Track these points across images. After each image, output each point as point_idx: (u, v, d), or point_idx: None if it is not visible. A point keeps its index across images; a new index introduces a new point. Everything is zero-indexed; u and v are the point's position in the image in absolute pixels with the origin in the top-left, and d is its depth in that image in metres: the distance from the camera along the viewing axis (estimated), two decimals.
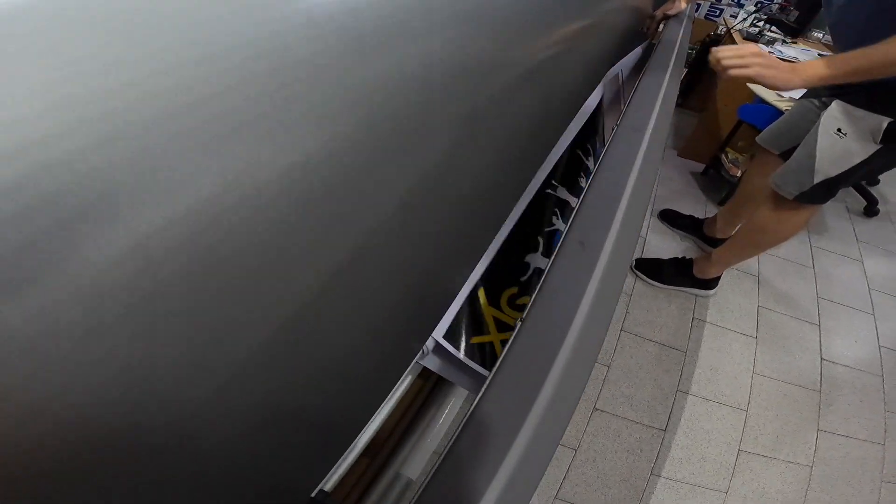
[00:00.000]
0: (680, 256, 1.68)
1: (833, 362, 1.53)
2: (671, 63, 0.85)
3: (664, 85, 0.77)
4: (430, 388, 0.74)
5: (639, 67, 1.15)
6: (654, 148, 0.61)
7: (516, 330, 0.36)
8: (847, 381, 1.49)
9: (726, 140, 1.99)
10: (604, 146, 0.63)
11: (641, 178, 0.54)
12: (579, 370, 0.35)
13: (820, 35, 3.09)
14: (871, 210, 2.20)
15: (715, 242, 1.72)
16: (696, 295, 1.66)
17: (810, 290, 1.78)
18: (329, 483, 0.58)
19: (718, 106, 2.08)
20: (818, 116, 1.15)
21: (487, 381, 0.34)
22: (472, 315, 0.60)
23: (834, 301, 1.75)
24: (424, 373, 0.65)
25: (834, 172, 1.13)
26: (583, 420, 1.24)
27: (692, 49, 1.99)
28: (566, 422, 0.35)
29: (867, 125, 1.05)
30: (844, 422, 1.38)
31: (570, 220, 0.44)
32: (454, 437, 0.33)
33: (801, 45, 2.53)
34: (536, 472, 0.32)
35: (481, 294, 0.61)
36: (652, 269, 1.66)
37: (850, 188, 2.25)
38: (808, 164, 1.15)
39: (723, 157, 1.98)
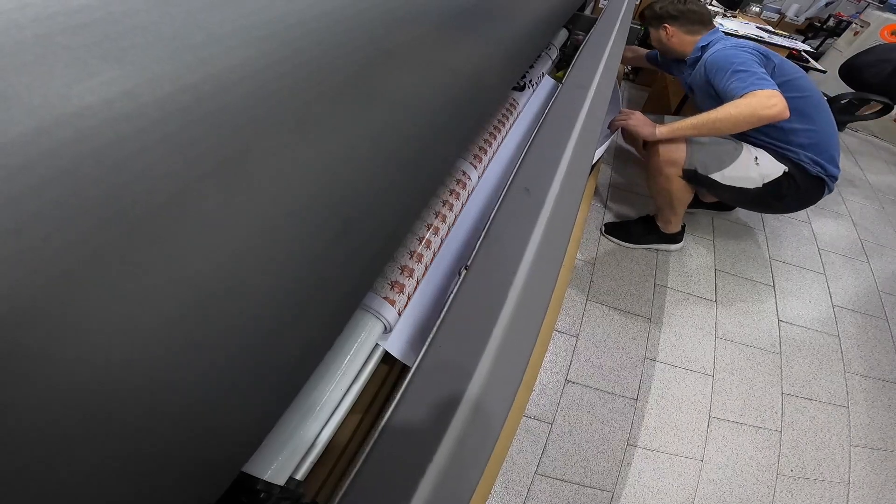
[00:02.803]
0: (645, 214, 1.73)
1: (790, 323, 1.57)
2: (617, 22, 0.85)
3: (609, 44, 0.77)
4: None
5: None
6: (598, 103, 0.61)
7: (461, 279, 0.35)
8: (805, 343, 1.53)
9: (676, 110, 2.05)
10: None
11: (586, 130, 0.53)
12: (530, 313, 0.34)
13: (757, 9, 3.23)
14: None
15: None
16: (666, 250, 1.70)
17: (763, 252, 1.84)
18: (300, 472, 0.56)
19: (667, 80, 2.14)
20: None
21: (433, 333, 0.32)
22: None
23: (786, 262, 1.81)
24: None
25: (723, 181, 1.37)
26: (556, 393, 1.24)
27: (641, 26, 2.02)
28: (522, 368, 0.33)
29: (769, 169, 1.33)
30: (807, 385, 1.41)
31: (515, 169, 0.42)
32: (401, 391, 0.30)
33: (740, 19, 2.62)
34: (494, 424, 0.30)
35: None
36: (621, 230, 1.70)
37: None
38: (718, 162, 1.36)
39: None
